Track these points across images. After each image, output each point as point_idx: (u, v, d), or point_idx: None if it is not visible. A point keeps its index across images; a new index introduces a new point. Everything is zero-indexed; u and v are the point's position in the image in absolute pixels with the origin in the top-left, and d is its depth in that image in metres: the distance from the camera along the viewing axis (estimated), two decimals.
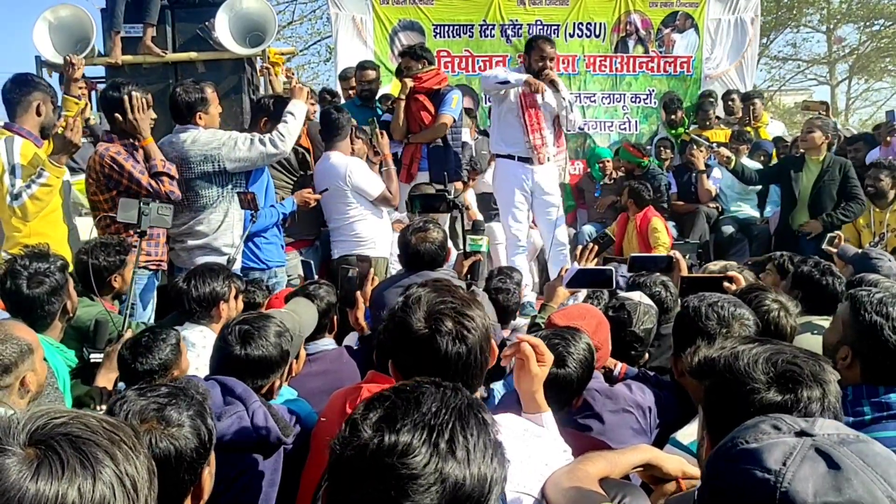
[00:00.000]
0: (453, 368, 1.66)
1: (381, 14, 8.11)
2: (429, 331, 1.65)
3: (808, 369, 1.31)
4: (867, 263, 4.05)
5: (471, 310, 1.70)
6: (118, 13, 6.21)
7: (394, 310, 1.76)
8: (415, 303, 1.71)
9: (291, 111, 4.62)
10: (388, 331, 1.77)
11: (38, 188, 3.79)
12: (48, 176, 3.83)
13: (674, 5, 8.49)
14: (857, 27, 23.17)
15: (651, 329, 2.97)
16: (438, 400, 1.14)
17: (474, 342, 1.66)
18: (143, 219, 3.46)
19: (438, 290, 1.76)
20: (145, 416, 1.52)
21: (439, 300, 1.70)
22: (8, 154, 3.75)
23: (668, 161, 7.72)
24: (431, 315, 1.67)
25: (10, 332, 2.32)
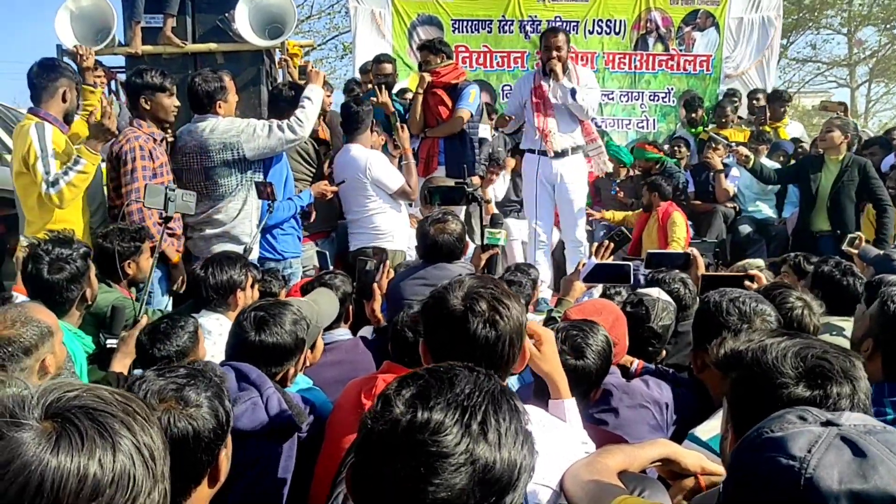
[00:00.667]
0: (481, 352, 1.66)
1: (400, 8, 8.10)
2: (463, 308, 1.66)
3: (838, 365, 1.29)
4: (889, 265, 4.01)
5: (509, 300, 1.70)
6: (139, 3, 6.22)
7: (437, 288, 1.78)
8: (457, 283, 1.74)
9: (308, 96, 4.61)
10: (426, 307, 1.78)
11: (75, 175, 3.80)
12: (85, 163, 3.84)
13: (695, 3, 8.44)
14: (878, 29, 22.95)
15: (669, 326, 2.94)
16: (472, 383, 1.14)
17: (505, 330, 1.66)
18: (169, 204, 3.47)
19: (483, 278, 1.78)
20: (164, 395, 1.53)
21: (480, 284, 1.72)
22: (40, 140, 3.75)
23: (685, 160, 7.66)
24: (469, 295, 1.69)
25: (31, 314, 2.33)
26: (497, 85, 8.23)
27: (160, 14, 6.28)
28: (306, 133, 4.55)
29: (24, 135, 3.82)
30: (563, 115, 5.76)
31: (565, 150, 5.76)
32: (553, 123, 5.69)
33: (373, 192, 5.02)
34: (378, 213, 5.05)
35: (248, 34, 6.20)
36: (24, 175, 3.87)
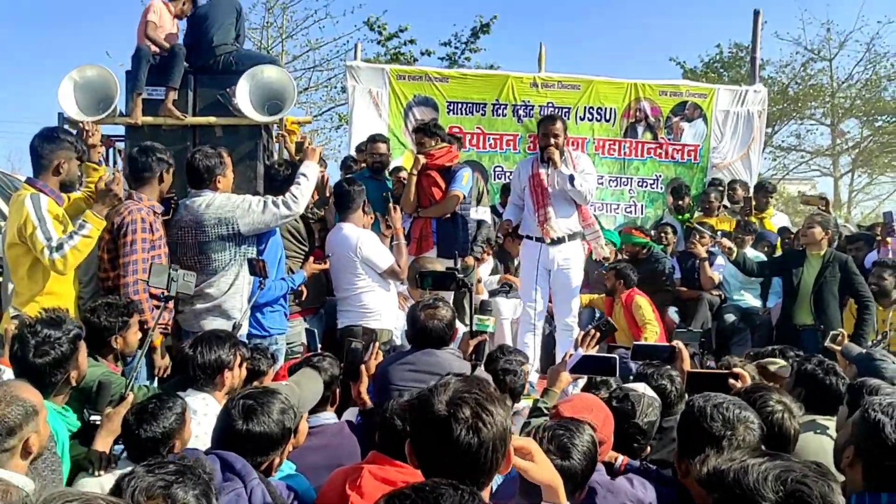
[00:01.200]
0: (464, 458, 1.67)
1: (397, 89, 8.31)
2: (447, 414, 1.67)
3: (817, 490, 1.32)
4: (871, 365, 4.04)
5: (493, 406, 1.70)
6: (142, 76, 6.37)
7: (423, 390, 1.80)
8: (442, 386, 1.75)
9: (304, 172, 4.70)
10: (412, 407, 1.80)
11: (80, 239, 3.83)
12: (91, 228, 3.88)
13: (683, 95, 8.71)
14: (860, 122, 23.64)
15: (654, 422, 2.96)
16: (458, 503, 1.15)
17: (488, 437, 1.66)
18: (171, 284, 3.51)
19: (469, 381, 1.79)
20: (152, 493, 1.53)
21: (465, 389, 1.73)
22: (37, 210, 3.78)
23: (671, 246, 7.77)
24: (453, 400, 1.70)
25: (16, 393, 2.32)
26: (489, 166, 8.39)
27: (163, 87, 6.44)
28: (300, 209, 4.62)
29: (20, 206, 3.85)
30: (561, 202, 5.87)
31: (562, 237, 5.87)
32: (551, 211, 5.81)
33: (362, 271, 5.08)
34: (367, 292, 5.09)
35: (248, 109, 6.34)
36: (16, 246, 3.87)
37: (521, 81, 8.46)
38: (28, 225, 3.75)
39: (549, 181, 5.79)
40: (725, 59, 23.42)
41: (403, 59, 17.34)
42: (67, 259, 3.79)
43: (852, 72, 22.78)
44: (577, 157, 6.08)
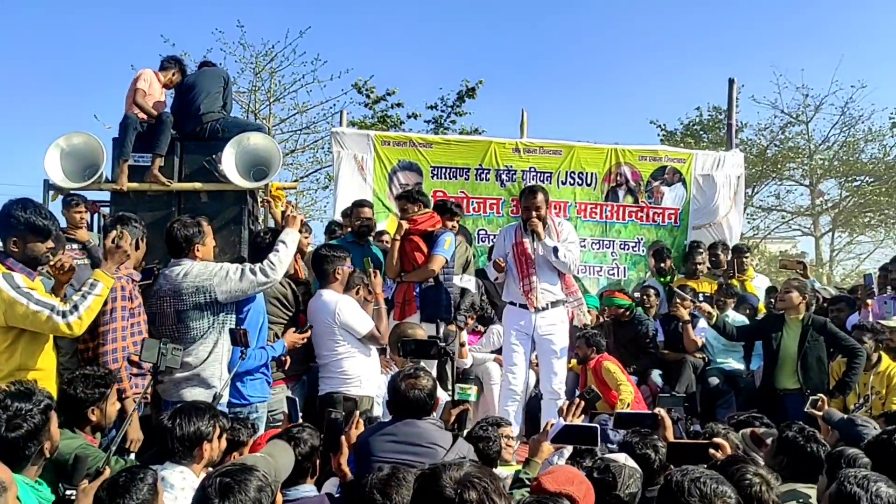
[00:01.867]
0: None
1: (382, 154, 8.45)
2: (454, 494, 1.69)
3: None
4: (853, 430, 4.05)
5: (500, 499, 1.71)
6: (129, 143, 6.46)
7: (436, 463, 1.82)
8: (456, 466, 1.77)
9: (283, 240, 4.70)
10: (422, 475, 1.80)
11: (94, 299, 3.78)
12: (102, 286, 3.85)
13: (662, 160, 8.90)
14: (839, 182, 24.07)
15: (636, 493, 2.95)
16: None
17: None
18: (161, 358, 3.54)
19: (483, 469, 1.80)
20: None
21: (477, 475, 1.74)
22: (15, 288, 3.60)
23: (654, 308, 7.82)
24: (463, 482, 1.71)
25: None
26: (473, 229, 8.47)
27: (149, 154, 6.51)
28: (279, 276, 4.61)
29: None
30: (545, 271, 5.95)
31: (546, 305, 5.91)
32: (535, 280, 5.87)
33: (341, 337, 5.09)
34: (347, 358, 5.08)
35: (234, 176, 6.42)
36: None
37: (504, 147, 8.64)
38: (15, 306, 3.60)
39: (532, 250, 5.86)
40: (705, 122, 23.93)
41: (390, 122, 17.60)
42: (83, 320, 3.73)
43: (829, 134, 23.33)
44: (559, 224, 6.17)
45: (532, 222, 5.82)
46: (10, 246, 3.77)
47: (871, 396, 5.73)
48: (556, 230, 5.97)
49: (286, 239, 4.72)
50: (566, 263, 5.90)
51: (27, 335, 3.72)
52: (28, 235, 3.76)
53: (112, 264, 4.01)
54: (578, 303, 6.23)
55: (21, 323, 3.64)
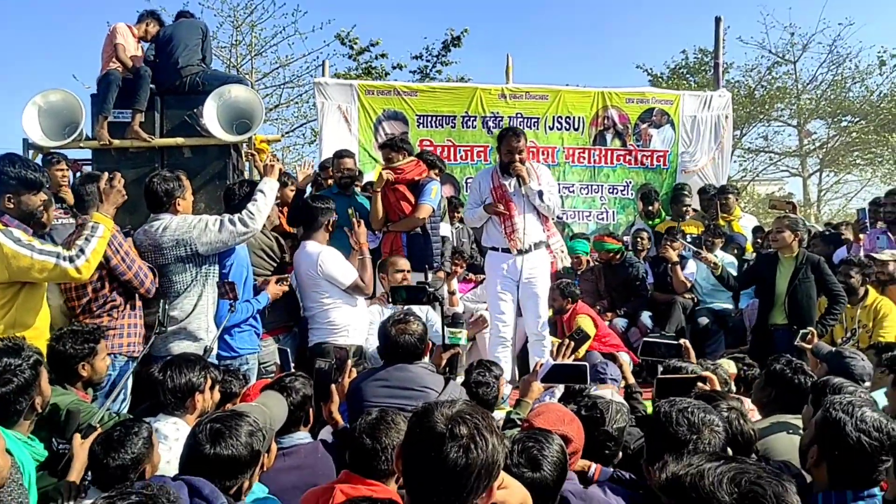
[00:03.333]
0: (447, 477, 1.67)
1: (367, 104, 8.33)
2: (444, 428, 1.68)
3: (770, 490, 1.34)
4: (841, 362, 4.09)
5: (491, 435, 1.70)
6: (109, 99, 6.36)
7: (430, 401, 1.82)
8: (448, 403, 1.77)
9: (262, 189, 4.67)
10: (414, 414, 1.80)
11: (97, 241, 3.79)
12: (103, 228, 3.85)
13: (650, 102, 8.82)
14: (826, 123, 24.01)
15: (623, 428, 2.98)
16: None
17: (476, 462, 1.66)
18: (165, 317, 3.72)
19: (476, 408, 1.79)
20: None
21: (469, 412, 1.74)
22: (16, 242, 3.57)
23: (645, 251, 7.84)
24: (454, 417, 1.71)
25: None
26: (461, 177, 8.43)
27: (129, 109, 6.41)
28: (258, 226, 4.57)
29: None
30: (526, 212, 5.85)
31: (529, 247, 5.87)
32: (518, 222, 5.81)
33: (325, 288, 5.08)
34: (332, 308, 5.08)
35: (216, 129, 6.34)
36: None
37: (490, 93, 8.53)
38: (20, 259, 3.56)
39: (514, 192, 5.82)
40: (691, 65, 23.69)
41: (375, 74, 17.36)
42: (91, 262, 3.76)
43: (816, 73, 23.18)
44: (537, 168, 6.10)
45: (516, 167, 5.74)
46: (4, 203, 3.75)
47: (859, 330, 5.79)
48: (536, 174, 5.91)
49: (265, 188, 4.68)
50: (550, 207, 5.86)
51: (24, 293, 3.69)
52: (21, 190, 3.76)
53: (110, 206, 4.01)
54: (559, 245, 6.19)
55: (27, 275, 3.62)
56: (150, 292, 4.25)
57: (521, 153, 5.82)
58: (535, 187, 5.77)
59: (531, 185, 5.75)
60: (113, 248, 4.02)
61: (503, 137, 5.96)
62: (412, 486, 1.73)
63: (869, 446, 2.25)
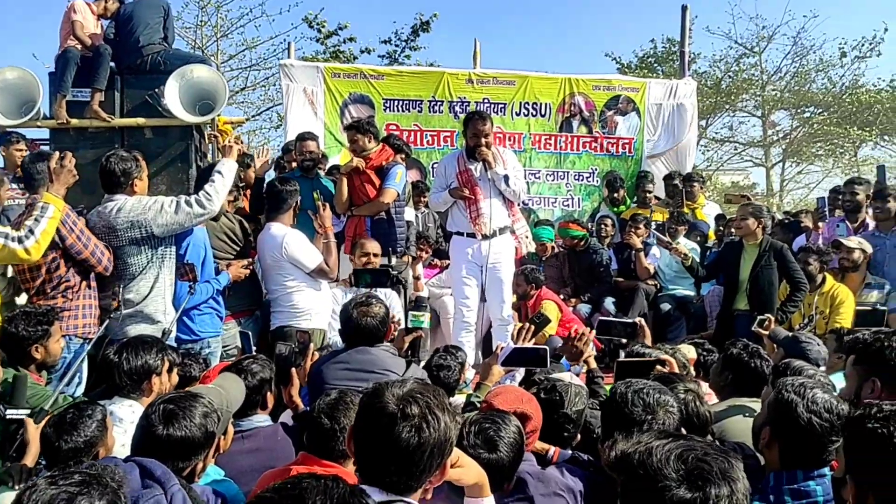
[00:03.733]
0: (400, 456, 1.67)
1: (333, 86, 8.25)
2: (395, 408, 1.69)
3: (717, 467, 1.35)
4: (797, 347, 4.16)
5: (443, 413, 1.71)
6: (67, 77, 6.20)
7: (380, 381, 1.81)
8: (399, 383, 1.76)
9: (220, 170, 4.59)
10: (365, 395, 1.79)
11: (47, 222, 3.74)
12: (53, 208, 3.79)
13: (616, 89, 8.86)
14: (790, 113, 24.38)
15: (582, 410, 2.99)
16: (322, 493, 1.16)
17: (428, 440, 1.67)
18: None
19: (427, 386, 1.80)
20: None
21: (420, 391, 1.74)
22: None
23: (609, 238, 7.90)
24: (405, 397, 1.71)
25: None
26: (427, 162, 8.40)
27: (88, 88, 6.26)
28: (216, 207, 4.49)
29: None
30: (491, 197, 5.86)
31: (494, 232, 5.87)
32: (483, 206, 5.80)
33: (289, 271, 5.04)
34: (295, 292, 5.05)
35: (178, 110, 6.21)
36: None
37: (457, 78, 8.50)
38: None
39: (479, 176, 5.81)
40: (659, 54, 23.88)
41: (343, 58, 17.20)
42: (41, 243, 3.72)
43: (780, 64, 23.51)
44: (503, 152, 6.10)
45: (482, 151, 5.73)
46: None
47: (816, 316, 5.89)
48: (502, 158, 5.91)
49: (222, 169, 4.60)
50: (516, 192, 5.87)
51: None
52: None
53: (60, 186, 3.94)
54: (524, 230, 6.21)
55: None
56: (107, 270, 4.18)
57: (487, 137, 5.80)
58: (501, 172, 5.76)
59: (497, 170, 5.75)
60: (68, 227, 3.94)
61: (469, 121, 5.94)
62: (365, 466, 1.73)
63: (819, 427, 2.29)
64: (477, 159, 5.78)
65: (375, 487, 1.70)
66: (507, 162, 5.91)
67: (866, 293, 6.15)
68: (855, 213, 6.83)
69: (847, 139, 23.12)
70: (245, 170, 6.12)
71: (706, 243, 7.78)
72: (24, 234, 3.62)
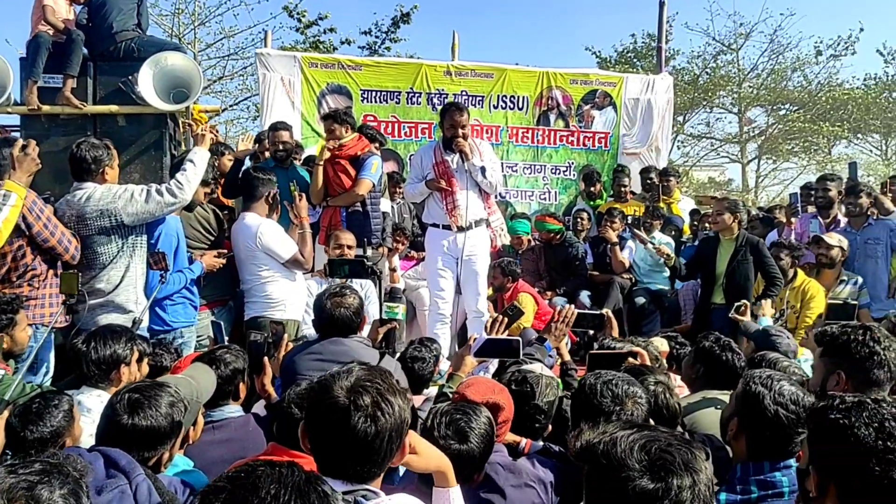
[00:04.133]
0: (358, 447, 1.67)
1: (310, 76, 8.19)
2: (346, 401, 1.67)
3: (679, 457, 1.36)
4: (767, 340, 4.21)
5: (394, 397, 1.71)
6: (39, 63, 6.09)
7: (324, 375, 1.78)
8: (345, 374, 1.74)
9: (191, 159, 4.54)
10: (311, 391, 1.78)
11: (9, 210, 3.70)
12: (15, 196, 3.74)
13: (593, 84, 8.88)
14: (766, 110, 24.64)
15: (553, 401, 3.00)
16: (276, 481, 1.15)
17: (385, 427, 1.67)
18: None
19: (372, 370, 1.78)
20: (13, 495, 1.44)
21: (368, 378, 1.73)
22: None
23: (585, 232, 7.93)
24: (354, 388, 1.69)
25: None
26: (404, 154, 8.36)
27: (60, 74, 6.16)
28: (187, 196, 4.44)
29: None
30: (468, 188, 5.84)
31: (470, 224, 5.86)
32: (459, 198, 5.78)
33: (264, 261, 5.01)
34: (270, 282, 5.02)
35: (151, 97, 6.13)
36: None
37: (435, 70, 8.47)
38: None
39: (456, 168, 5.80)
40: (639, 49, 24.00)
41: (323, 48, 17.11)
42: (1, 232, 3.68)
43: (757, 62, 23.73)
44: (480, 144, 6.09)
45: (459, 142, 5.71)
46: None
47: (787, 311, 5.96)
48: (478, 149, 5.91)
49: (194, 158, 4.55)
50: (492, 183, 5.86)
51: None
52: None
53: (22, 173, 3.88)
54: (499, 222, 6.21)
55: None
56: (74, 259, 4.12)
57: (464, 128, 5.79)
58: (478, 163, 5.75)
59: (474, 161, 5.74)
60: (34, 215, 3.88)
61: (446, 112, 5.93)
62: (323, 460, 1.72)
63: (786, 419, 2.31)
64: (454, 151, 5.76)
65: (338, 479, 1.69)
66: (483, 153, 5.90)
67: (839, 288, 6.24)
68: (827, 209, 6.89)
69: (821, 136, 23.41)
70: (219, 158, 6.06)
71: (681, 238, 7.84)
72: None
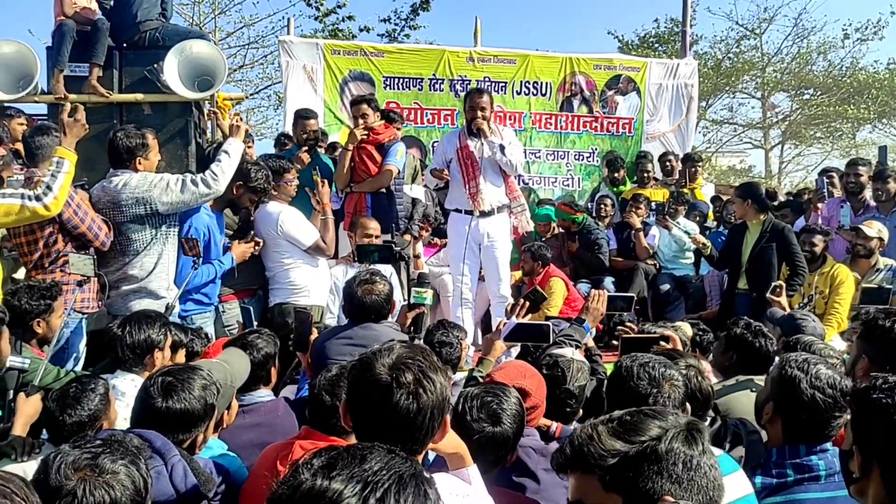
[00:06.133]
0: (401, 424, 1.67)
1: (332, 64, 8.19)
2: (389, 378, 1.68)
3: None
4: (793, 324, 4.19)
5: (435, 374, 1.71)
6: (64, 52, 6.14)
7: (366, 353, 1.79)
8: (386, 351, 1.75)
9: (226, 150, 4.57)
10: (353, 369, 1.79)
11: (64, 177, 3.75)
12: (68, 163, 3.79)
13: (617, 69, 8.81)
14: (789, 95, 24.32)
15: (584, 385, 3.00)
16: (383, 461, 1.17)
17: (427, 404, 1.67)
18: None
19: (413, 348, 1.79)
20: (78, 465, 1.50)
21: (409, 355, 1.73)
22: None
23: (609, 218, 7.89)
24: (396, 365, 1.70)
25: None
26: (427, 141, 8.36)
27: (86, 63, 6.21)
28: (222, 187, 4.47)
29: None
30: (491, 174, 5.84)
31: (492, 209, 5.85)
32: (482, 183, 5.78)
33: (286, 248, 5.04)
34: (293, 269, 5.05)
35: (177, 86, 6.16)
36: None
37: (458, 56, 8.44)
38: None
39: (478, 153, 5.78)
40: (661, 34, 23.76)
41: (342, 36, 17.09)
42: (59, 199, 3.73)
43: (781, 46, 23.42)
44: (501, 129, 6.08)
45: (477, 122, 5.70)
46: None
47: (815, 296, 5.89)
48: (499, 133, 5.89)
49: (229, 149, 4.58)
50: (512, 163, 5.82)
51: None
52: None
53: (72, 138, 3.93)
54: (522, 208, 6.19)
55: None
56: (105, 245, 4.16)
57: (484, 110, 5.77)
58: (497, 141, 5.74)
59: (492, 139, 5.72)
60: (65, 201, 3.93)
61: (468, 96, 5.95)
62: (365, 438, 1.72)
63: (823, 403, 2.29)
64: (477, 136, 5.75)
65: None
66: (504, 137, 5.89)
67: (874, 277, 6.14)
68: (857, 194, 6.79)
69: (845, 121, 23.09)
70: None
71: (705, 223, 7.78)
72: (41, 191, 3.63)
